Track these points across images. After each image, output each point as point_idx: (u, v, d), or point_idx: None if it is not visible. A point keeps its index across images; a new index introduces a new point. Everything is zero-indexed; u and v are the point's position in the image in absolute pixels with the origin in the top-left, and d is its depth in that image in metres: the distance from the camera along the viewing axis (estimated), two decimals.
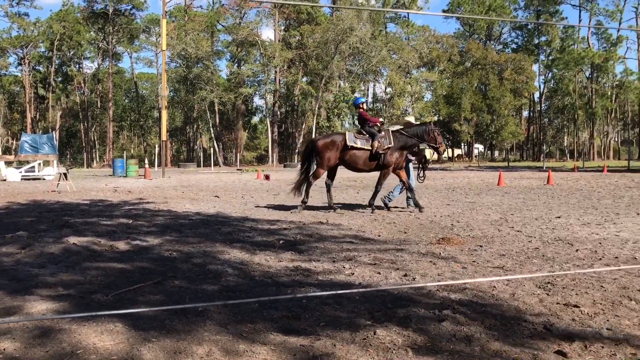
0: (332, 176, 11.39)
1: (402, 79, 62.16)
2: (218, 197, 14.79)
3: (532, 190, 16.51)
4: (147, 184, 22.19)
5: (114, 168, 32.66)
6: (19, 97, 70.50)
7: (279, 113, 64.22)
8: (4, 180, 25.31)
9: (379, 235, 7.67)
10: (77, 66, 70.36)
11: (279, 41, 61.96)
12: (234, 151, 64.76)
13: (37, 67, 68.52)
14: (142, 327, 3.55)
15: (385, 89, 66.68)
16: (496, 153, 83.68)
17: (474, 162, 63.17)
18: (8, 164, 28.71)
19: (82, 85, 69.41)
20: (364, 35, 55.84)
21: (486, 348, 3.22)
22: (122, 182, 23.96)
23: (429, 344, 3.29)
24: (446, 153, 14.90)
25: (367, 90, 71.02)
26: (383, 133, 10.93)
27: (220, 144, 63.50)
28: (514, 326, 3.61)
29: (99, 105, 72.24)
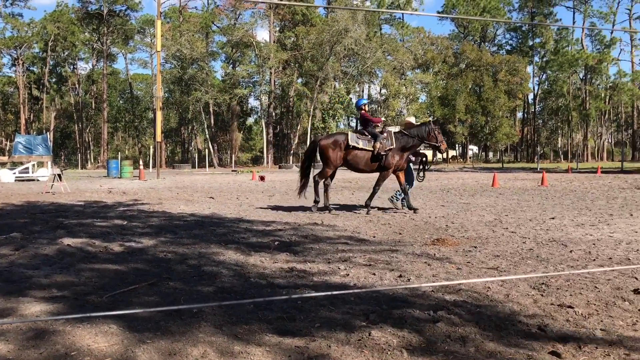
0: (331, 177, 11.39)
1: (397, 80, 62.25)
2: (213, 198, 14.77)
3: (527, 192, 16.55)
4: (142, 185, 22.13)
5: (108, 169, 32.60)
6: (13, 98, 70.24)
7: (274, 114, 64.17)
8: None
9: (373, 236, 7.68)
10: (71, 67, 70.21)
11: (274, 42, 61.93)
12: (228, 152, 64.68)
13: (31, 68, 68.31)
14: (136, 328, 3.55)
15: (380, 90, 66.77)
16: (490, 154, 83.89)
17: (468, 164, 63.30)
18: (2, 165, 28.62)
19: (77, 86, 69.22)
20: (359, 37, 55.87)
21: (481, 349, 3.23)
22: (116, 183, 23.90)
23: (423, 345, 3.30)
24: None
25: (362, 91, 71.12)
26: (385, 134, 10.95)
27: (215, 145, 63.41)
28: (508, 327, 3.63)
29: (93, 106, 72.10)
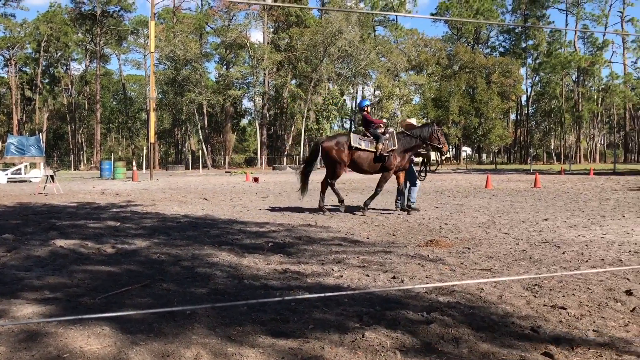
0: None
1: (390, 81, 62.31)
2: (206, 199, 14.73)
3: (520, 193, 16.61)
4: (135, 186, 22.06)
5: (101, 170, 32.45)
6: (5, 98, 69.93)
7: (267, 115, 64.16)
8: None
9: (367, 238, 7.68)
10: (64, 68, 69.91)
11: (268, 43, 61.92)
12: (222, 153, 64.61)
13: (23, 69, 68.01)
14: (129, 330, 3.53)
15: (374, 91, 66.84)
16: (484, 156, 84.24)
17: (461, 165, 63.48)
18: None
19: (70, 86, 68.94)
20: (352, 38, 55.96)
21: (474, 350, 3.24)
22: (109, 184, 23.81)
23: (417, 346, 3.30)
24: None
25: (356, 93, 71.27)
26: (387, 135, 10.96)
27: (208, 146, 63.31)
28: (501, 328, 3.63)
29: (86, 107, 71.85)
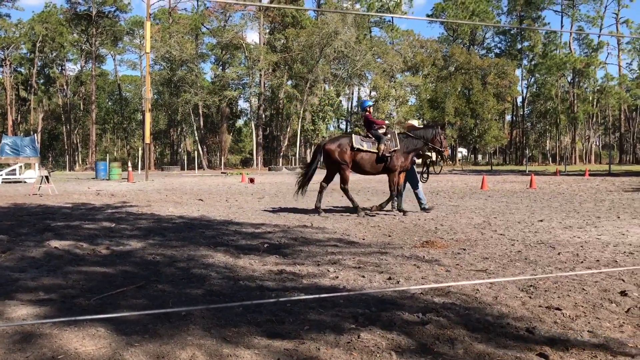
0: (329, 180, 11.38)
1: (386, 83, 62.40)
2: (202, 200, 14.71)
3: (515, 194, 16.64)
4: (130, 187, 22.01)
5: (96, 171, 32.38)
6: (0, 99, 69.64)
7: (263, 116, 64.15)
8: None
9: (363, 239, 7.68)
10: (59, 68, 69.72)
11: (263, 44, 61.93)
12: (218, 154, 64.54)
13: (18, 69, 67.83)
14: (124, 331, 3.52)
15: (370, 92, 66.87)
16: (479, 157, 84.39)
17: (457, 166, 63.55)
18: None
19: (65, 87, 68.75)
20: (348, 39, 56.01)
21: (469, 351, 3.24)
22: (104, 185, 23.75)
23: (413, 347, 3.30)
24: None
25: (352, 94, 71.34)
26: (389, 135, 10.96)
27: (204, 147, 63.22)
28: (497, 329, 3.64)
29: (81, 108, 71.66)
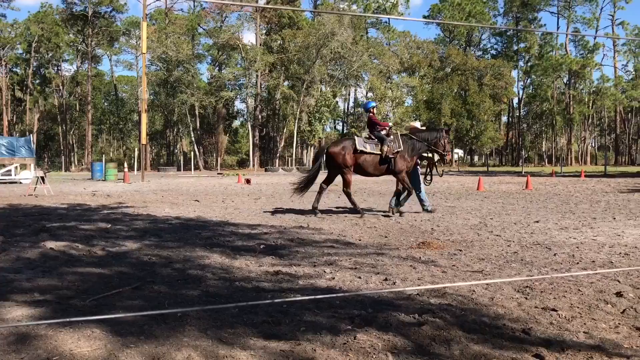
0: (329, 181, 11.37)
1: (383, 84, 62.39)
2: (198, 201, 14.69)
3: (511, 195, 16.67)
4: (126, 188, 21.97)
5: (92, 172, 32.30)
6: None
7: (260, 117, 64.08)
8: None
9: (359, 240, 7.69)
10: (55, 68, 69.55)
11: (260, 45, 61.89)
12: (214, 155, 64.45)
13: (14, 69, 67.55)
14: (120, 332, 3.51)
15: (367, 93, 66.91)
16: (476, 158, 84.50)
17: (453, 167, 63.61)
18: None
19: (61, 87, 68.58)
20: (345, 40, 56.00)
21: (466, 352, 3.24)
22: (100, 186, 23.70)
23: (409, 348, 3.30)
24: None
25: (349, 95, 71.28)
26: (392, 137, 10.98)
27: (200, 147, 63.12)
28: (493, 330, 3.64)
29: (77, 108, 71.46)
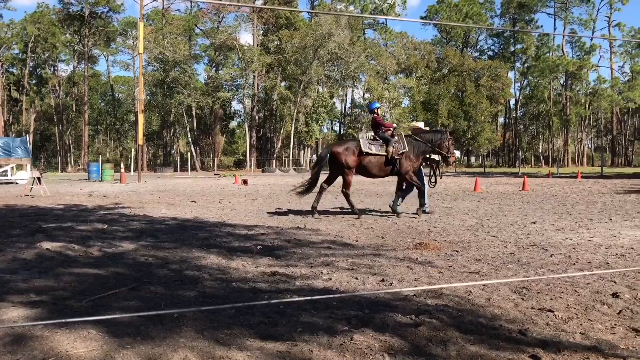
0: (330, 182, 11.36)
1: (380, 84, 62.45)
2: (195, 202, 14.68)
3: (508, 196, 16.70)
4: (123, 188, 21.93)
5: (89, 172, 32.24)
6: None
7: (257, 118, 64.05)
8: None
9: (356, 241, 7.69)
10: (51, 69, 69.43)
11: (257, 46, 61.88)
12: (211, 156, 64.42)
13: (10, 69, 67.39)
14: (116, 333, 3.50)
15: (364, 94, 66.98)
16: (473, 159, 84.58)
17: (450, 168, 63.65)
18: None
19: (57, 88, 68.44)
20: (342, 41, 56.02)
21: (462, 353, 3.24)
22: (97, 186, 23.66)
23: (405, 349, 3.30)
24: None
25: (346, 95, 71.32)
26: (397, 138, 10.99)
27: (197, 148, 63.09)
28: (489, 331, 3.64)
29: (74, 109, 71.30)
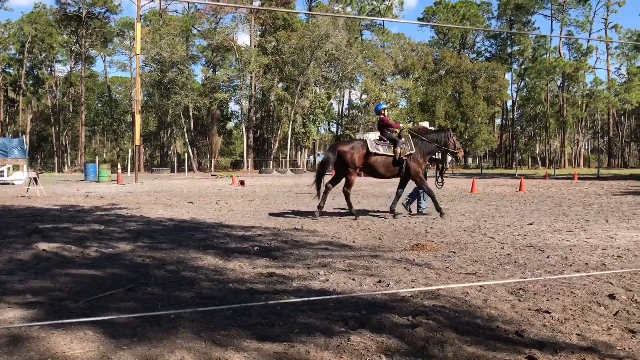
0: (336, 182, 11.36)
1: (377, 86, 62.51)
2: (192, 202, 14.66)
3: (505, 197, 16.71)
4: (120, 189, 21.90)
5: (85, 173, 32.17)
6: None
7: (254, 119, 64.02)
8: None
9: (353, 242, 7.69)
10: (48, 69, 69.32)
11: (254, 46, 61.86)
12: (208, 156, 64.36)
13: (7, 70, 67.25)
14: (113, 334, 3.49)
15: (361, 95, 67.07)
16: (470, 160, 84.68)
17: (447, 169, 63.74)
18: None
19: (54, 88, 68.32)
20: (339, 42, 56.06)
21: (459, 353, 3.25)
22: (94, 187, 23.61)
23: (402, 350, 3.30)
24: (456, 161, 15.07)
25: (343, 96, 71.36)
26: (403, 139, 11.01)
27: (194, 149, 63.03)
28: (486, 332, 3.65)
29: (71, 109, 71.23)
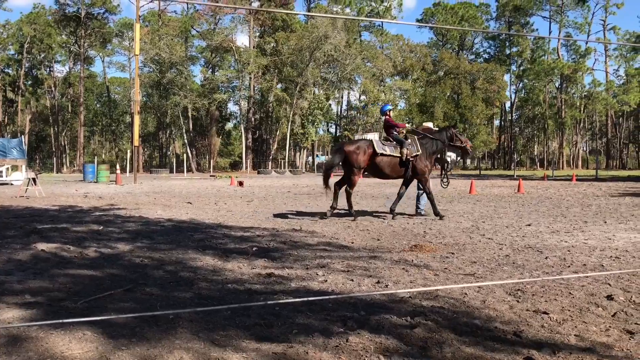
0: (343, 182, 11.35)
1: (376, 87, 62.51)
2: (191, 203, 14.66)
3: (503, 199, 16.73)
4: (119, 189, 21.89)
5: (84, 173, 32.16)
6: None
7: (253, 119, 64.01)
8: None
9: (352, 243, 7.69)
10: (47, 70, 69.25)
11: (253, 47, 61.85)
12: (207, 157, 64.32)
13: (6, 70, 67.17)
14: (112, 334, 3.50)
15: (360, 96, 67.04)
16: (468, 161, 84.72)
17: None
18: None
19: (53, 89, 68.28)
20: (338, 43, 56.05)
21: (457, 354, 3.25)
22: (92, 187, 23.60)
23: (401, 350, 3.30)
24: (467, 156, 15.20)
25: (342, 97, 71.33)
26: (410, 140, 11.01)
27: (193, 149, 62.99)
28: (484, 332, 3.65)
29: (69, 110, 71.18)
